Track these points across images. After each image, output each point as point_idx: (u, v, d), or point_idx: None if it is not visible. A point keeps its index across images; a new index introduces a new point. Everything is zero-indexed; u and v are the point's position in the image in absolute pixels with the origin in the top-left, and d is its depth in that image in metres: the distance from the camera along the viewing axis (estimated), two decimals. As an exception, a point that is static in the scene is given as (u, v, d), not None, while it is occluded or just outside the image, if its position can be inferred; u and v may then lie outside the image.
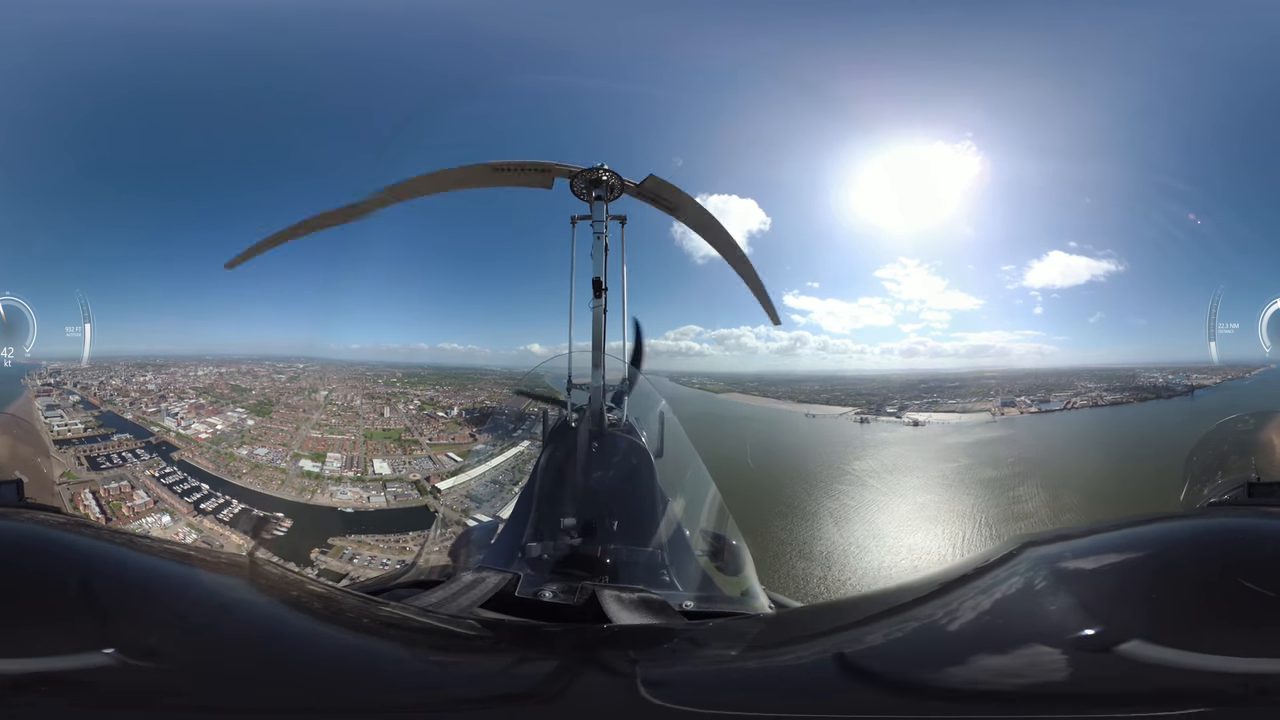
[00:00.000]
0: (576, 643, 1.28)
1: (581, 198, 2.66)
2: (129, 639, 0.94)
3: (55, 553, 1.19)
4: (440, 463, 15.38)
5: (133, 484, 14.56)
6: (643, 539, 1.99)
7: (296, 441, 15.64)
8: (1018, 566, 1.15)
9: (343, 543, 13.68)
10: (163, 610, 1.04)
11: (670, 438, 2.41)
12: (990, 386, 14.33)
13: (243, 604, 1.11)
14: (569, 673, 1.06)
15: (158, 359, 17.47)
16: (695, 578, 1.97)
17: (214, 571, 1.20)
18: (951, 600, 1.15)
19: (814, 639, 1.20)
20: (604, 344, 2.43)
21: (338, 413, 16.34)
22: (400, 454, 15.51)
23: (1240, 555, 1.13)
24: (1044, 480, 11.90)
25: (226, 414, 16.46)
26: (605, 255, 2.53)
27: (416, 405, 16.36)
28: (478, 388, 16.71)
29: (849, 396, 14.49)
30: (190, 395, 16.95)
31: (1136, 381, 14.69)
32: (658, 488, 2.16)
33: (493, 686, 1.00)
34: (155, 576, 1.20)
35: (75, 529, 1.35)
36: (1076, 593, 1.05)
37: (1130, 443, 13.29)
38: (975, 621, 1.10)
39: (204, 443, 15.64)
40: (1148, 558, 1.19)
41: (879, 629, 1.14)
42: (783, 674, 1.07)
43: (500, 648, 1.25)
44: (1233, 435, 2.76)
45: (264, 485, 14.80)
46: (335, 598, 1.41)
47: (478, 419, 15.63)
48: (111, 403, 16.43)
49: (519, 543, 1.96)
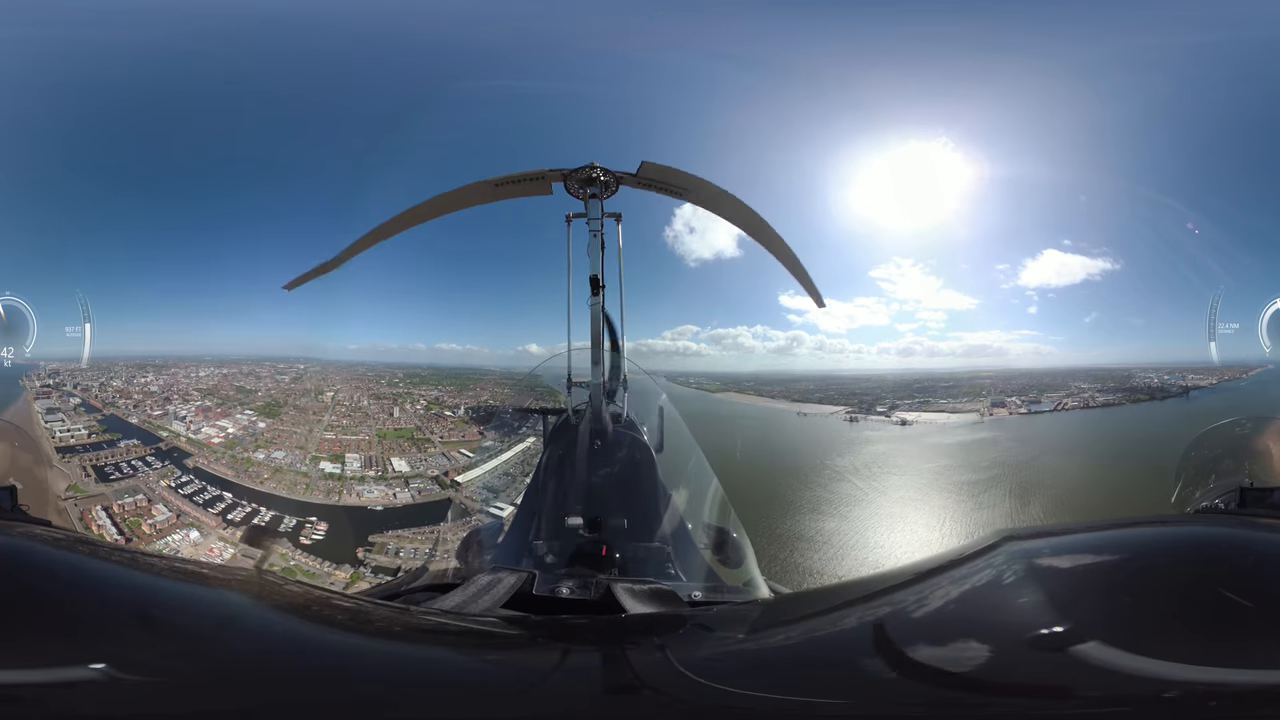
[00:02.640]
0: (605, 633, 1.31)
1: (577, 197, 2.65)
2: (122, 654, 0.92)
3: (43, 567, 1.16)
4: (454, 459, 15.70)
5: (149, 496, 14.17)
6: (647, 534, 2.01)
7: (312, 443, 15.73)
8: (993, 559, 1.18)
9: (384, 539, 13.89)
10: (162, 625, 1.03)
11: (672, 432, 2.46)
12: (984, 386, 14.45)
13: (252, 617, 1.08)
14: (609, 659, 1.09)
15: (157, 359, 17.29)
16: (700, 570, 2.01)
17: (219, 587, 1.18)
18: (925, 588, 1.20)
19: (811, 619, 1.26)
20: (603, 341, 2.45)
21: (347, 414, 16.50)
22: (415, 452, 15.86)
23: (1218, 564, 1.13)
24: (1016, 486, 12.14)
25: (236, 417, 16.39)
26: (602, 253, 2.52)
27: (423, 405, 16.64)
28: (479, 387, 16.97)
29: (842, 396, 14.80)
30: (195, 397, 16.77)
31: (1131, 382, 14.69)
32: (660, 482, 2.19)
33: (539, 679, 1.01)
34: (153, 590, 1.18)
35: (69, 544, 1.33)
36: (1043, 589, 1.07)
37: (1116, 447, 13.31)
38: (940, 610, 1.14)
39: (218, 447, 15.53)
40: (1122, 560, 1.20)
41: (869, 611, 1.18)
42: (795, 652, 1.13)
43: (537, 642, 1.26)
44: (1227, 439, 2.74)
45: (289, 490, 14.80)
46: (355, 608, 1.41)
47: (483, 417, 15.96)
48: (114, 405, 16.08)
49: (527, 541, 1.99)
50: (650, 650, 1.15)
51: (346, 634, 1.19)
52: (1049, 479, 12.52)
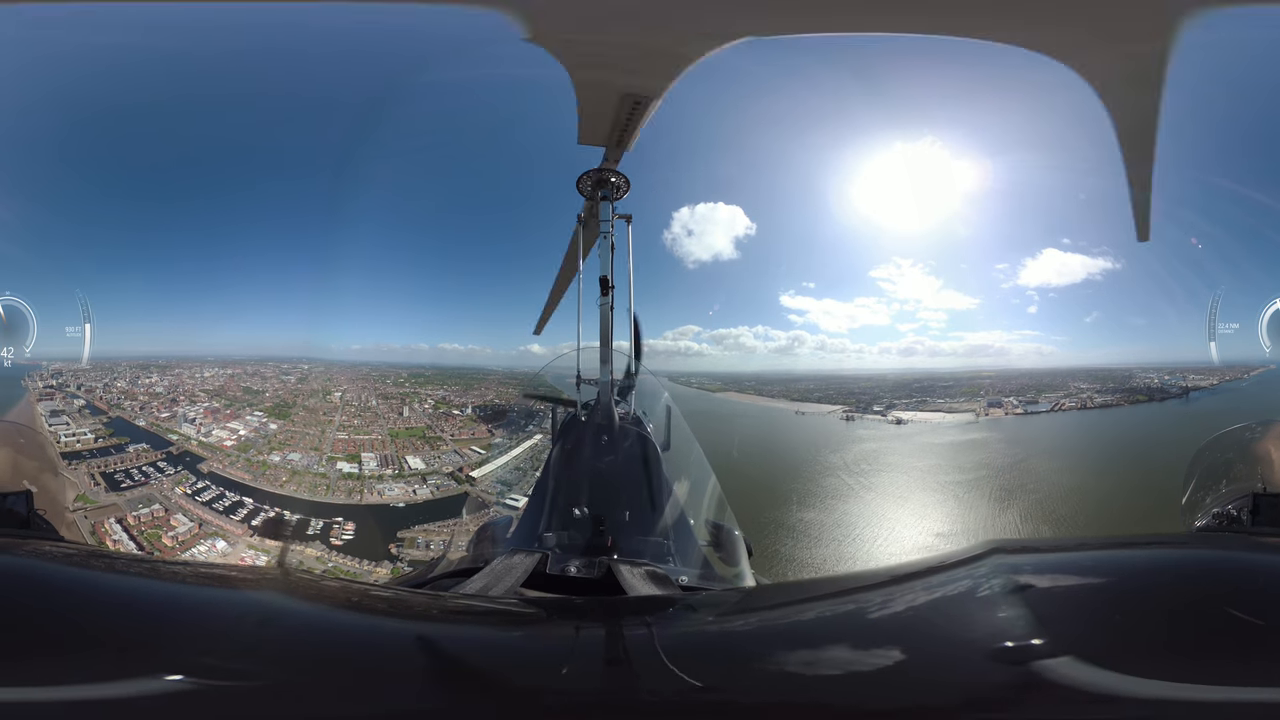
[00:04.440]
0: (603, 613, 1.41)
1: (587, 196, 2.72)
2: (187, 662, 0.93)
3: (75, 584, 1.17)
4: (466, 456, 16.02)
5: (166, 506, 13.98)
6: (650, 527, 2.10)
7: (327, 444, 15.79)
8: (978, 569, 1.18)
9: (411, 534, 14.11)
10: (208, 630, 1.05)
11: (675, 430, 2.54)
12: (983, 386, 14.41)
13: (289, 613, 1.10)
14: (604, 640, 1.17)
15: (160, 360, 17.19)
16: (696, 562, 2.11)
17: (248, 588, 1.20)
18: (900, 590, 1.22)
19: (786, 607, 1.32)
20: (612, 340, 2.52)
21: (357, 413, 16.59)
22: (428, 450, 16.13)
23: (1217, 587, 1.11)
24: (997, 489, 12.21)
25: (245, 418, 16.38)
26: (612, 254, 2.59)
27: (431, 404, 16.83)
28: (484, 387, 17.16)
29: (841, 395, 14.91)
30: (203, 398, 16.72)
31: (1131, 382, 14.47)
32: (664, 478, 2.27)
33: (546, 657, 1.09)
34: (192, 597, 1.21)
35: (90, 557, 1.32)
36: (1023, 603, 1.07)
37: (1106, 451, 13.30)
38: (911, 613, 1.16)
39: (231, 450, 15.57)
40: (1110, 580, 1.18)
41: (843, 607, 1.21)
42: (768, 639, 1.18)
43: (552, 620, 1.35)
44: (1239, 444, 2.70)
45: (310, 492, 14.83)
46: (386, 595, 1.48)
47: (491, 416, 16.26)
48: (120, 407, 15.99)
49: (537, 532, 2.09)
50: (638, 631, 1.25)
51: (382, 619, 1.25)
52: (1032, 482, 12.60)
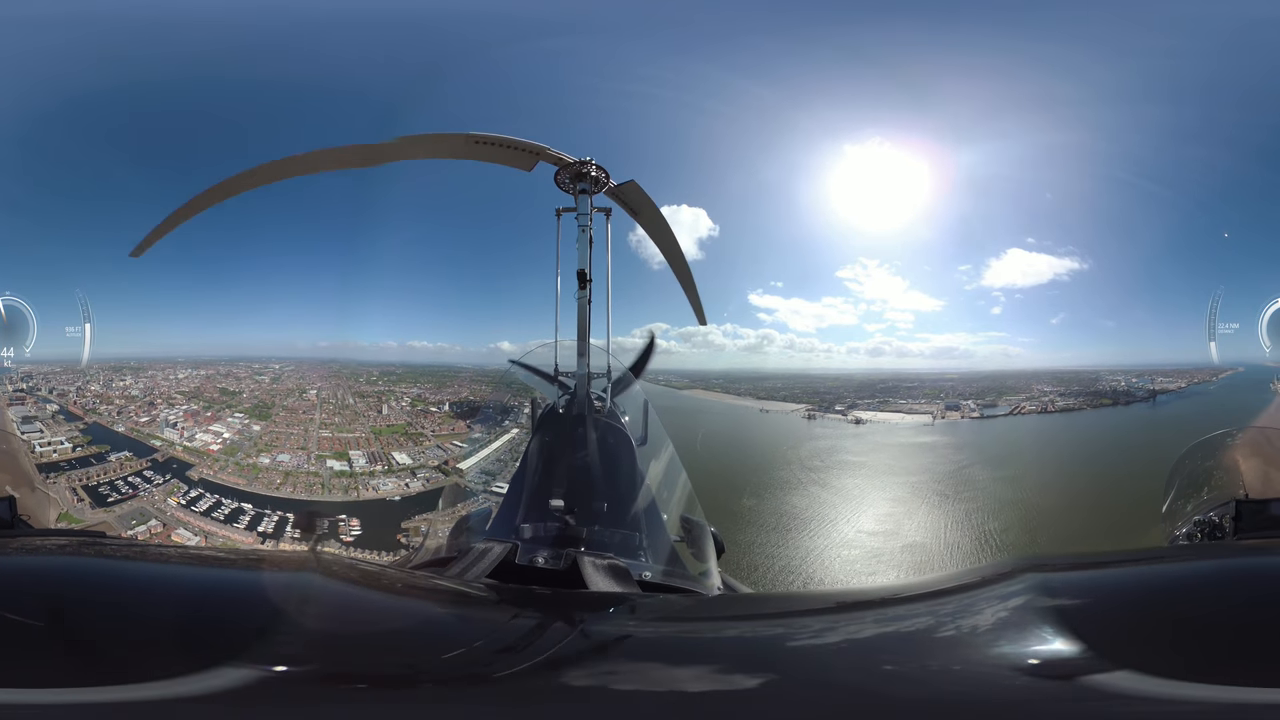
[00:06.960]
0: (554, 606, 1.46)
1: (566, 190, 2.67)
2: (251, 650, 0.95)
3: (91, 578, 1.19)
4: (449, 450, 16.25)
5: (163, 520, 13.64)
6: (621, 520, 2.12)
7: (312, 443, 15.87)
8: (1010, 587, 1.13)
9: (414, 524, 13.92)
10: (259, 616, 1.07)
11: (649, 427, 2.56)
12: (946, 388, 14.47)
13: (325, 593, 1.16)
14: (553, 632, 1.21)
15: (132, 361, 16.83)
16: (664, 557, 2.13)
17: (288, 570, 1.24)
18: (927, 609, 1.18)
19: (727, 622, 1.35)
20: (589, 334, 2.50)
21: (336, 411, 16.71)
22: (412, 446, 16.38)
23: (1258, 593, 1.10)
24: (931, 495, 12.33)
25: (227, 420, 16.31)
26: (590, 248, 2.56)
27: (408, 402, 17.06)
28: (458, 384, 17.29)
29: (806, 394, 15.18)
30: (180, 401, 16.53)
31: (1097, 385, 14.33)
32: (638, 472, 2.29)
33: (501, 642, 1.14)
34: (225, 583, 1.25)
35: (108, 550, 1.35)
36: (1065, 622, 1.01)
37: (1058, 458, 13.08)
38: (947, 637, 1.09)
39: (218, 454, 15.47)
40: (1153, 592, 1.17)
41: (823, 625, 1.17)
42: (709, 649, 1.18)
43: (510, 608, 1.40)
44: (1220, 450, 2.70)
45: (306, 491, 14.96)
46: (398, 576, 1.59)
47: (468, 412, 16.48)
48: (96, 412, 15.68)
49: (514, 523, 2.13)
50: (600, 622, 1.32)
51: (392, 597, 1.35)
52: (968, 491, 12.55)
